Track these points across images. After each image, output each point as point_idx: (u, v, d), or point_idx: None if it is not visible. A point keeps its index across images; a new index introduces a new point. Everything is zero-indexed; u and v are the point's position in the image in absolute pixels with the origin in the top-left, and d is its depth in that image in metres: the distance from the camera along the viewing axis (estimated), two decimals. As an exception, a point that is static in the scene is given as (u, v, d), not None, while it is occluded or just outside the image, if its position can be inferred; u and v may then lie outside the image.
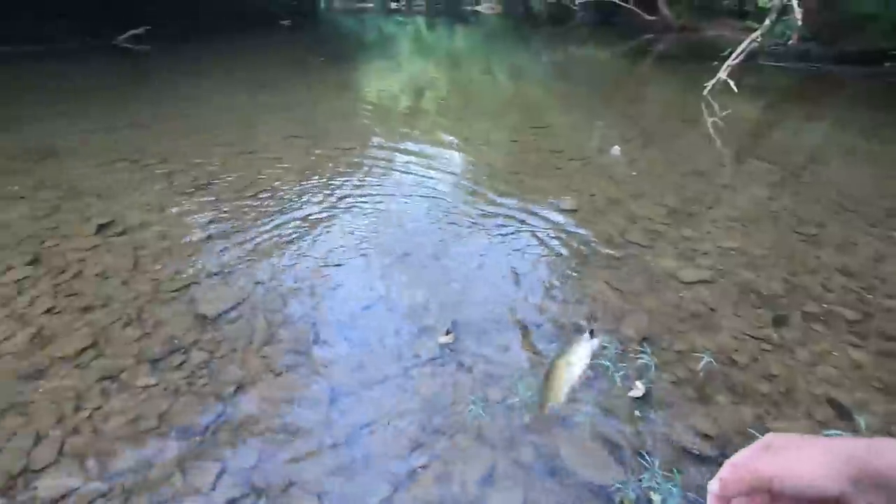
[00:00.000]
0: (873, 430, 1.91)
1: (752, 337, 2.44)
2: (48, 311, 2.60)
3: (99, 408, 2.04)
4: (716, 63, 7.23)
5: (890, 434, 1.91)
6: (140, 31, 12.39)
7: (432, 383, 2.19)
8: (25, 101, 6.87)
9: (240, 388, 2.14)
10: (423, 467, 1.81)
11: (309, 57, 11.87)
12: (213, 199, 3.91)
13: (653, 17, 15.07)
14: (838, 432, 1.68)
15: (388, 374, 2.24)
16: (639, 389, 2.10)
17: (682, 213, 3.73)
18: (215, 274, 2.96)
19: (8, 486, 1.73)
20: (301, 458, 1.84)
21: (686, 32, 14.42)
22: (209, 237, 3.36)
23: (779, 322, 2.55)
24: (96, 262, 3.04)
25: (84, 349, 2.34)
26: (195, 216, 3.63)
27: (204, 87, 8.16)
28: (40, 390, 2.12)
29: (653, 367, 2.18)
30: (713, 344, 2.38)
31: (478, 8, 27.99)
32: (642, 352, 2.25)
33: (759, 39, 7.35)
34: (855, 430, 1.68)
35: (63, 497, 1.69)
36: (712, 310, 2.65)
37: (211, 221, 3.56)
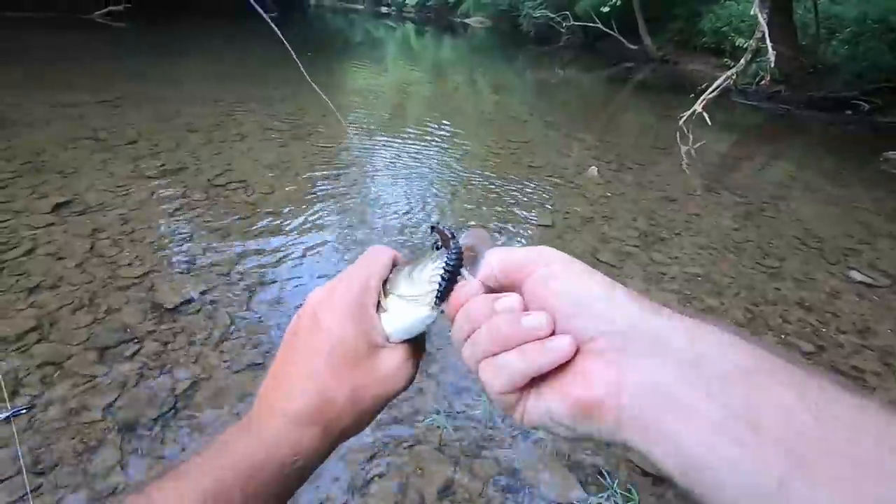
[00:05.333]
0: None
1: (713, 363, 2.50)
2: (-10, 289, 2.43)
3: (39, 395, 1.91)
4: (692, 95, 7.50)
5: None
6: (120, 7, 12.00)
7: (396, 390, 2.14)
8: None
9: (195, 383, 2.04)
10: (380, 476, 1.76)
11: (295, 50, 11.71)
12: (182, 185, 3.77)
13: (635, 47, 15.55)
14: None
15: (351, 378, 2.18)
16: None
17: (652, 237, 3.82)
18: (178, 263, 2.84)
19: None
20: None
21: (665, 64, 14.94)
22: (174, 225, 3.24)
23: (739, 350, 2.61)
24: (49, 242, 2.87)
25: (27, 332, 2.20)
26: (161, 202, 3.49)
27: (182, 70, 7.94)
28: (-28, 373, 1.97)
29: (617, 387, 2.20)
30: (676, 367, 2.42)
31: (467, 21, 28.28)
32: (607, 371, 2.26)
33: (733, 77, 7.66)
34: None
35: (-12, 490, 1.57)
36: (677, 333, 2.69)
37: (178, 209, 3.43)
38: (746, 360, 0.27)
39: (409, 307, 0.43)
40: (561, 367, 0.34)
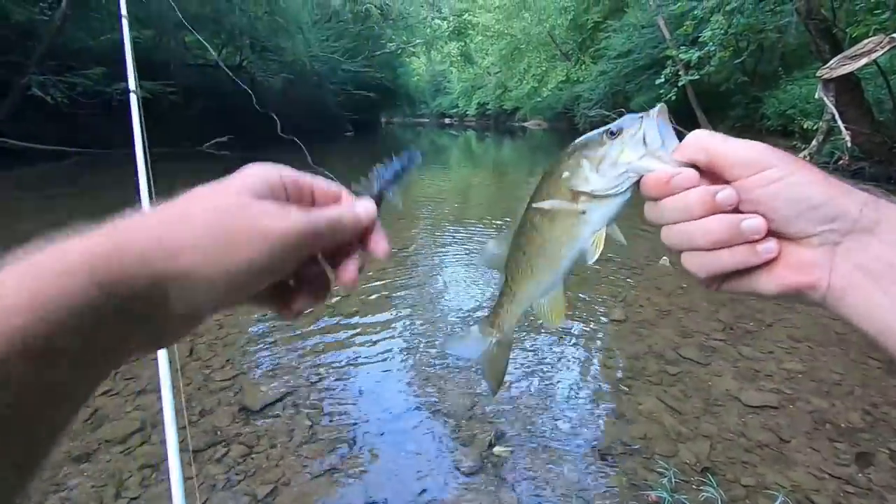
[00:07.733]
0: None
1: (832, 476, 2.18)
2: (105, 392, 2.70)
3: (136, 497, 2.03)
4: (764, 179, 7.29)
5: None
6: (224, 139, 14.03)
7: (473, 499, 2.05)
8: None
9: (276, 488, 2.08)
10: None
11: (369, 160, 12.90)
12: (270, 291, 4.10)
13: (696, 135, 15.66)
14: None
15: (425, 485, 2.12)
16: (704, 529, 1.88)
17: (739, 329, 3.56)
18: (263, 366, 3.02)
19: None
20: (330, 576, 1.72)
21: (730, 149, 14.80)
22: (261, 329, 3.49)
23: (863, 460, 2.28)
24: (156, 347, 3.18)
25: (131, 434, 2.38)
26: (251, 309, 3.80)
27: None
28: (85, 473, 2.14)
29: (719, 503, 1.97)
30: (787, 480, 2.14)
31: (525, 124, 30.06)
32: (706, 484, 2.04)
33: (807, 158, 7.43)
34: None
35: None
36: (783, 440, 2.41)
37: (265, 314, 3.71)
38: None
39: (606, 201, 0.46)
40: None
